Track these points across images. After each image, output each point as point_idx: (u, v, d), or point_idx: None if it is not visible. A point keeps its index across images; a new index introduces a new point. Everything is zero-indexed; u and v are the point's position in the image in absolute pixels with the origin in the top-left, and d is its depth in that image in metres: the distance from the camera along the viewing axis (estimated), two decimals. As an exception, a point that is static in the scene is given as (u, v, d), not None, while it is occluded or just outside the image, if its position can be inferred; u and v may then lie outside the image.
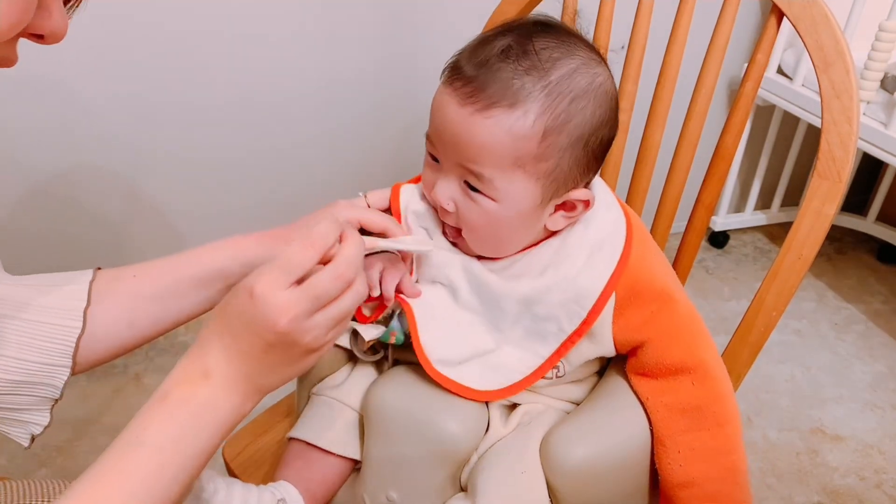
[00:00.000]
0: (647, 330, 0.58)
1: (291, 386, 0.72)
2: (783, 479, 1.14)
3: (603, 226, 0.59)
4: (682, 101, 0.75)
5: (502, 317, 0.59)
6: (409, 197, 0.64)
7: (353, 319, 0.66)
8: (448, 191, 0.57)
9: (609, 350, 0.59)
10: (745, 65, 0.70)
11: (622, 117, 0.79)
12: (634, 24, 0.76)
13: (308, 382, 0.69)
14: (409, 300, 0.59)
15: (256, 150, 1.36)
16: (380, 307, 0.60)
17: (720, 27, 0.70)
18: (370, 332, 0.60)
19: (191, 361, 0.47)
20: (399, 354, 0.65)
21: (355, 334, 0.63)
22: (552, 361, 0.58)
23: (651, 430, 0.58)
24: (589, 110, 0.54)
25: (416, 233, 0.63)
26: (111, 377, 1.29)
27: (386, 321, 0.62)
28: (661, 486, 0.58)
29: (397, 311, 0.61)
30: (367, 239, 0.50)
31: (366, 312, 0.61)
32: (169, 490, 0.43)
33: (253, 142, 1.35)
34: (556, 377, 0.61)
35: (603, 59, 0.57)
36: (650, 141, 0.77)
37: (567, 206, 0.58)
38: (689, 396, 0.57)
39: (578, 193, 0.57)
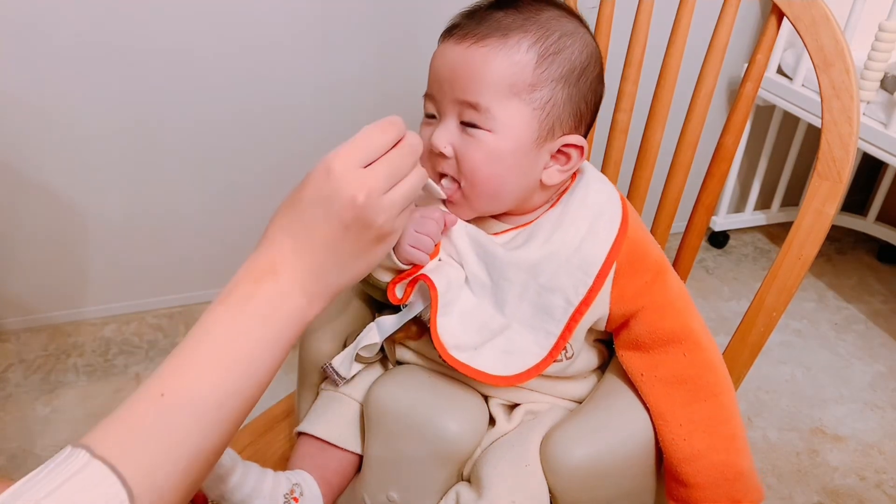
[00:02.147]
0: (641, 299, 0.59)
1: (291, 385, 0.72)
2: (783, 479, 1.14)
3: (600, 193, 0.61)
4: (682, 101, 0.75)
5: (509, 289, 0.59)
6: None
7: (381, 311, 0.66)
8: (445, 134, 0.58)
9: (604, 314, 0.60)
10: (745, 65, 0.70)
11: (622, 117, 0.79)
12: (634, 24, 0.76)
13: (308, 382, 0.70)
14: (432, 278, 0.58)
15: (254, 154, 1.36)
16: (411, 284, 0.60)
17: (720, 27, 0.70)
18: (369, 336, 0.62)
19: (256, 257, 0.45)
20: (404, 353, 0.65)
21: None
22: (564, 338, 0.58)
23: (649, 411, 0.58)
24: (577, 47, 0.58)
25: None
26: (111, 377, 1.29)
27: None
28: (666, 468, 0.58)
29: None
30: None
31: (398, 294, 0.61)
32: (241, 389, 0.41)
33: (250, 144, 1.35)
34: (567, 359, 0.61)
35: (587, 26, 0.61)
36: (650, 141, 0.77)
37: (561, 158, 0.60)
38: (681, 367, 0.58)
39: (571, 139, 0.59)
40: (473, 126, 0.57)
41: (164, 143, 1.30)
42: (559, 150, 0.60)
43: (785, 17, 0.64)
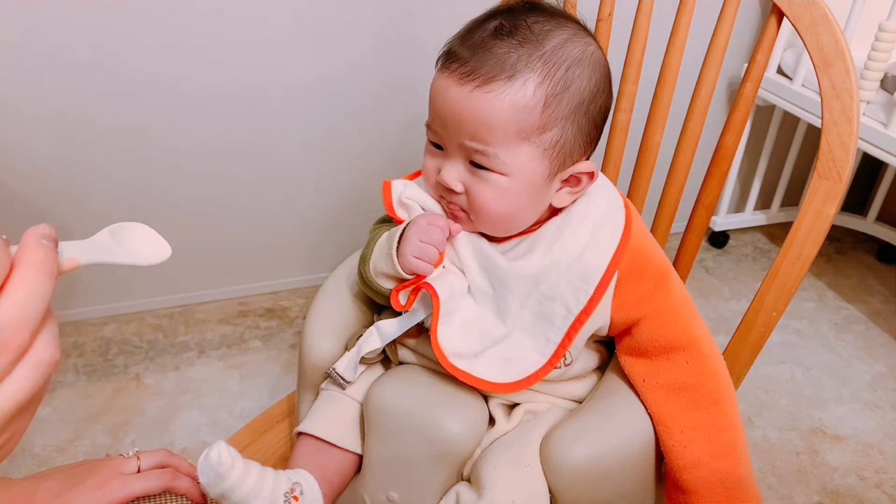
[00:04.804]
0: (644, 307, 0.59)
1: (291, 385, 0.72)
2: (783, 479, 1.14)
3: (603, 203, 0.61)
4: (682, 102, 0.75)
5: (511, 298, 0.59)
6: (403, 188, 0.65)
7: (381, 312, 0.66)
8: (455, 171, 0.58)
9: (605, 322, 0.60)
10: (745, 65, 0.70)
11: (622, 117, 0.79)
12: (634, 24, 0.76)
13: (309, 382, 0.69)
14: (435, 287, 0.58)
15: (252, 151, 1.36)
16: (414, 292, 0.60)
17: (720, 27, 0.70)
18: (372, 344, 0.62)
19: None
20: (406, 354, 0.65)
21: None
22: (564, 346, 0.58)
23: (651, 417, 0.58)
24: (585, 77, 0.56)
25: (413, 214, 0.63)
26: (111, 377, 1.29)
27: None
28: (667, 473, 0.59)
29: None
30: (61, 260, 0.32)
31: (402, 301, 0.61)
32: None
33: (249, 142, 1.35)
34: (565, 365, 0.61)
35: (590, 31, 0.59)
36: (650, 141, 0.77)
37: (572, 181, 0.59)
38: (683, 375, 0.58)
39: (582, 166, 0.59)
40: (483, 168, 0.56)
41: (164, 144, 1.29)
42: (570, 176, 0.59)
43: (785, 17, 0.64)
